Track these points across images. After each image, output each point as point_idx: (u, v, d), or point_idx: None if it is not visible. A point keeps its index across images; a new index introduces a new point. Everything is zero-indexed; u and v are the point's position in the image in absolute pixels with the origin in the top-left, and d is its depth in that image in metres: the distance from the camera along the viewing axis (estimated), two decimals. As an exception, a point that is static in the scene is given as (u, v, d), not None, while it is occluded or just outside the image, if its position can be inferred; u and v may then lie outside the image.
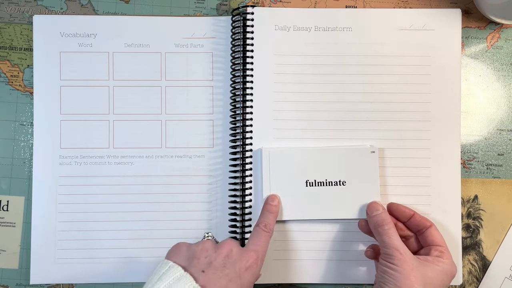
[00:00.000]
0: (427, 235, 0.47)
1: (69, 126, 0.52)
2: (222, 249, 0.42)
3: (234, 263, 0.42)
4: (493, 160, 0.53)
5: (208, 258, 0.41)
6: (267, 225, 0.46)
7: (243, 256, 0.43)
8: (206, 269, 0.40)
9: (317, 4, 0.53)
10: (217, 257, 0.41)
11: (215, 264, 0.41)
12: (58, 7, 0.53)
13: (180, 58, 0.52)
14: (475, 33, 0.53)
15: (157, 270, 0.41)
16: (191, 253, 0.42)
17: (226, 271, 0.41)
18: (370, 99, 0.51)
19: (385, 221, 0.45)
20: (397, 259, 0.42)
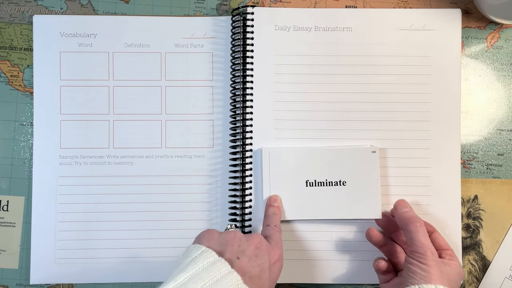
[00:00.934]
0: (433, 240, 0.46)
1: (69, 126, 0.52)
2: (252, 239, 0.42)
3: (264, 255, 0.41)
4: (493, 160, 0.53)
5: (242, 246, 0.41)
6: (277, 225, 0.47)
7: (271, 250, 0.43)
8: (240, 257, 0.40)
9: (317, 4, 0.53)
10: (249, 247, 0.41)
11: (247, 252, 0.40)
12: (58, 7, 0.53)
13: (180, 58, 0.52)
14: (475, 33, 0.53)
15: (187, 254, 0.40)
16: (223, 240, 0.41)
17: (258, 261, 0.40)
18: (370, 99, 0.51)
19: (417, 219, 0.45)
20: (430, 259, 0.42)
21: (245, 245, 0.41)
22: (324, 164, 0.50)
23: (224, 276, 0.37)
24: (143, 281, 0.51)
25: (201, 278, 0.36)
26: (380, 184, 0.50)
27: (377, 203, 0.49)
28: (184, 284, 0.36)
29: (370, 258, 0.51)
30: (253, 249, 0.41)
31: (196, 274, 0.37)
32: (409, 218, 0.45)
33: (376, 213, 0.49)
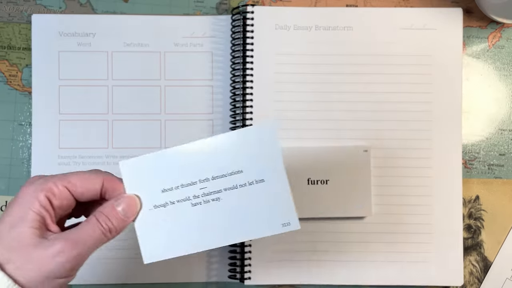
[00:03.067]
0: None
1: (68, 126, 0.51)
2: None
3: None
4: (495, 160, 0.52)
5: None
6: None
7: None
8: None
9: (318, 3, 0.53)
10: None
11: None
12: (57, 6, 0.52)
13: (179, 58, 0.52)
14: (477, 32, 0.53)
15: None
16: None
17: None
18: (370, 99, 0.51)
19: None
20: None
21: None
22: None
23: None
24: (143, 282, 0.51)
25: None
26: (380, 184, 0.50)
27: (367, 201, 0.49)
28: None
29: (370, 258, 0.50)
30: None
31: None
32: None
33: (367, 212, 0.49)
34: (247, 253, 0.50)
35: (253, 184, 0.34)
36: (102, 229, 0.32)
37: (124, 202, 0.34)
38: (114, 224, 0.33)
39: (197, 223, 0.34)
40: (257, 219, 0.34)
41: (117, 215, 0.33)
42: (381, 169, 0.51)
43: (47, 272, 0.30)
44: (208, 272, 0.51)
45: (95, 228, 0.32)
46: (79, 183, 0.33)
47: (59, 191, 0.32)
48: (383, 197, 0.50)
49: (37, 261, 0.30)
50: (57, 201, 0.32)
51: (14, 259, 0.30)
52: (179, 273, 0.51)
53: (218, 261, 0.51)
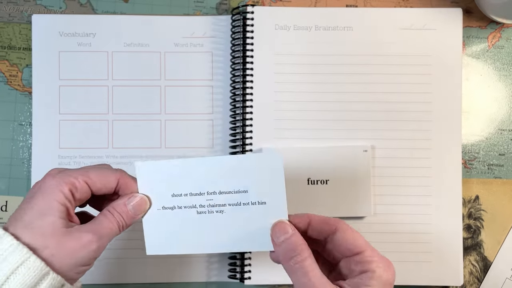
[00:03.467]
0: (338, 242, 0.34)
1: (68, 126, 0.51)
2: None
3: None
4: (494, 160, 0.52)
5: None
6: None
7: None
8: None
9: (318, 3, 0.53)
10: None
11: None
12: (57, 7, 0.52)
13: (179, 58, 0.52)
14: (476, 32, 0.53)
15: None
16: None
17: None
18: (370, 99, 0.51)
19: (298, 249, 0.33)
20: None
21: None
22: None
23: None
24: (142, 282, 0.51)
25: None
26: (380, 184, 0.50)
27: (367, 201, 0.50)
28: None
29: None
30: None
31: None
32: (287, 251, 0.33)
33: (367, 212, 0.50)
34: (247, 253, 0.50)
35: (255, 205, 0.36)
36: (116, 224, 0.35)
37: (135, 202, 0.36)
38: (126, 221, 0.36)
39: (198, 229, 0.37)
40: (254, 235, 0.36)
41: (128, 213, 0.36)
42: (381, 169, 0.51)
43: (78, 259, 0.33)
44: (208, 272, 0.51)
45: (113, 223, 0.35)
46: (97, 179, 0.35)
47: (80, 186, 0.35)
48: (383, 197, 0.51)
49: (70, 249, 0.32)
50: (78, 194, 0.35)
51: (49, 246, 0.32)
52: (179, 273, 0.51)
53: (218, 261, 0.51)
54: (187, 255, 0.51)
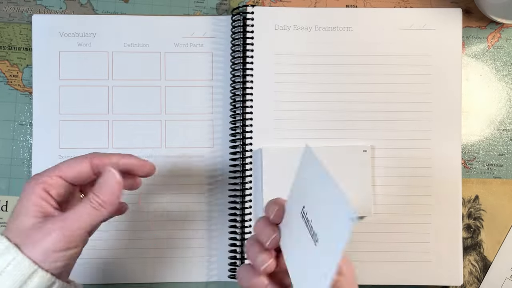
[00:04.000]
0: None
1: (68, 126, 0.51)
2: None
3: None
4: (494, 160, 0.52)
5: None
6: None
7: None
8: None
9: (318, 3, 0.53)
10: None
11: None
12: (57, 7, 0.53)
13: (179, 58, 0.52)
14: (476, 32, 0.53)
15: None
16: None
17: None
18: (370, 99, 0.51)
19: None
20: None
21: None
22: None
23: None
24: (142, 282, 0.51)
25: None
26: (380, 184, 0.50)
27: (367, 201, 0.50)
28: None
29: (370, 258, 0.50)
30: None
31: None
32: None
33: (367, 212, 0.50)
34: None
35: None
36: (92, 204, 0.35)
37: (107, 176, 0.36)
38: (102, 198, 0.36)
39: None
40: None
41: (103, 190, 0.36)
42: (381, 169, 0.51)
43: (46, 247, 0.33)
44: (208, 272, 0.51)
45: (85, 204, 0.35)
46: (68, 169, 0.37)
47: (53, 181, 0.36)
48: (383, 197, 0.51)
49: (37, 238, 0.34)
50: (54, 190, 0.36)
51: (21, 240, 0.34)
52: (179, 273, 0.51)
53: (218, 261, 0.51)
54: (188, 254, 0.51)
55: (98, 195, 0.36)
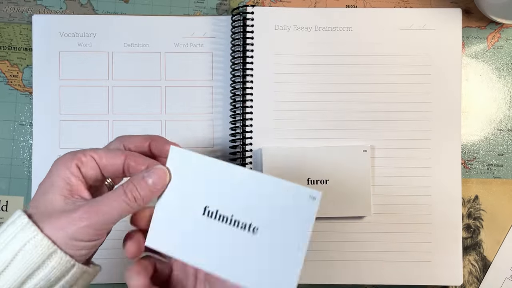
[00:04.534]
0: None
1: (69, 126, 0.52)
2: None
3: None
4: (494, 160, 0.52)
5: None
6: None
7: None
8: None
9: (317, 3, 0.53)
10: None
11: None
12: (57, 7, 0.53)
13: (179, 58, 0.52)
14: (476, 32, 0.53)
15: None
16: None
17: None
18: (370, 99, 0.51)
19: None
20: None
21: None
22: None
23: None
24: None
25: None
26: (380, 184, 0.50)
27: (367, 201, 0.50)
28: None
29: (370, 258, 0.50)
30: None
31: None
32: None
33: (366, 212, 0.50)
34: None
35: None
36: (126, 199, 0.33)
37: (154, 173, 0.34)
38: (141, 194, 0.33)
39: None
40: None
41: (146, 185, 0.33)
42: (381, 169, 0.51)
43: (70, 234, 0.32)
44: (208, 272, 0.51)
45: (119, 197, 0.33)
46: (104, 155, 0.35)
47: (86, 159, 0.34)
48: (383, 197, 0.51)
49: (63, 224, 0.32)
50: (84, 168, 0.34)
51: (43, 219, 0.32)
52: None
53: (218, 261, 0.51)
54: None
55: (137, 189, 0.33)
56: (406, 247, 0.51)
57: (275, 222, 0.32)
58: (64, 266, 0.32)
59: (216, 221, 0.33)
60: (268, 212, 0.32)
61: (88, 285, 0.35)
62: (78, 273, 0.33)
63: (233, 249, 0.33)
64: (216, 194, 0.33)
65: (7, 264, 0.31)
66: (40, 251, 0.31)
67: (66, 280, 0.32)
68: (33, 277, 0.31)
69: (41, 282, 0.31)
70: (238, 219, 0.33)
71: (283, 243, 0.32)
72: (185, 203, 0.34)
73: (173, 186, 0.34)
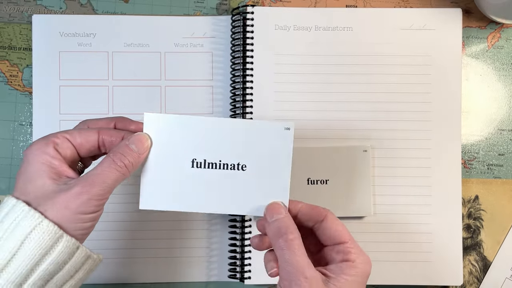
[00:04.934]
0: (325, 230, 0.36)
1: (69, 126, 0.51)
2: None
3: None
4: (494, 160, 0.52)
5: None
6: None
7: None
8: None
9: (318, 3, 0.53)
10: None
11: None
12: (57, 7, 0.53)
13: (179, 58, 0.52)
14: (476, 32, 0.53)
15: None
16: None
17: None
18: (370, 99, 0.51)
19: (289, 229, 0.35)
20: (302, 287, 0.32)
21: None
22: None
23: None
24: (142, 282, 0.51)
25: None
26: (380, 184, 0.50)
27: (367, 201, 0.50)
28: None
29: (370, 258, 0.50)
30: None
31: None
32: (278, 229, 0.35)
33: (366, 212, 0.50)
34: (247, 253, 0.50)
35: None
36: (117, 167, 0.35)
37: (136, 139, 0.36)
38: (130, 160, 0.35)
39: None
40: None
41: (131, 151, 0.35)
42: (381, 169, 0.51)
43: (75, 209, 0.33)
44: (208, 272, 0.51)
45: (110, 167, 0.34)
46: (77, 134, 0.36)
47: (60, 141, 0.35)
48: (383, 197, 0.51)
49: (63, 202, 0.33)
50: (61, 149, 0.35)
51: (42, 204, 0.33)
52: (179, 273, 0.51)
53: (218, 261, 0.51)
54: (188, 254, 0.51)
55: (124, 156, 0.35)
56: (406, 247, 0.51)
57: (261, 156, 0.37)
58: (70, 249, 0.33)
59: (207, 169, 0.37)
60: (252, 149, 0.37)
61: (92, 271, 0.36)
62: (83, 257, 0.34)
63: (229, 187, 0.37)
64: (200, 146, 0.37)
65: (14, 252, 0.31)
66: (48, 237, 0.32)
67: (71, 264, 0.33)
68: (42, 262, 0.32)
69: (49, 266, 0.32)
70: (226, 162, 0.37)
71: (271, 170, 0.38)
72: (172, 161, 0.37)
73: (155, 149, 0.37)
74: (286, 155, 0.38)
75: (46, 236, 0.31)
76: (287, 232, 0.34)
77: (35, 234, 0.31)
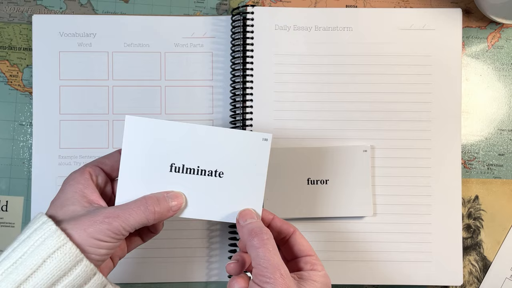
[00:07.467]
0: (293, 244, 0.39)
1: (68, 126, 0.51)
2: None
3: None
4: (494, 160, 0.52)
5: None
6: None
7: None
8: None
9: (317, 3, 0.53)
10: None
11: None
12: (57, 7, 0.53)
13: (179, 58, 0.52)
14: (476, 32, 0.53)
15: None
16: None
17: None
18: (370, 99, 0.51)
19: (263, 230, 0.36)
20: (278, 283, 0.33)
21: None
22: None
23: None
24: (142, 282, 0.51)
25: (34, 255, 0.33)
26: (380, 184, 0.50)
27: (367, 201, 0.50)
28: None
29: (370, 258, 0.50)
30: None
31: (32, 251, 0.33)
32: (252, 230, 0.36)
33: (367, 211, 0.50)
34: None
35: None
36: (146, 210, 0.36)
37: (174, 195, 0.38)
38: (160, 211, 0.37)
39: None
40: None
41: (165, 203, 0.37)
42: (381, 169, 0.51)
43: (91, 233, 0.34)
44: (208, 272, 0.51)
45: (140, 208, 0.36)
46: (105, 159, 0.40)
47: (93, 170, 0.38)
48: (383, 197, 0.51)
49: (84, 223, 0.34)
50: (94, 177, 0.38)
51: (67, 222, 0.34)
52: (179, 273, 0.51)
53: (218, 261, 0.51)
54: (188, 254, 0.51)
55: (158, 204, 0.37)
56: (406, 247, 0.51)
57: (238, 164, 0.38)
58: (87, 274, 0.34)
59: (185, 174, 0.38)
60: (230, 157, 0.38)
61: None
62: (99, 284, 0.35)
63: (205, 193, 0.38)
64: (180, 151, 0.38)
65: (35, 269, 0.32)
66: (69, 259, 0.33)
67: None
68: (59, 283, 0.33)
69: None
70: (204, 168, 0.38)
71: (247, 179, 0.38)
72: (150, 165, 0.38)
73: (134, 151, 0.38)
74: (262, 165, 0.39)
75: (67, 258, 0.33)
76: (262, 232, 0.36)
77: (58, 255, 0.33)
